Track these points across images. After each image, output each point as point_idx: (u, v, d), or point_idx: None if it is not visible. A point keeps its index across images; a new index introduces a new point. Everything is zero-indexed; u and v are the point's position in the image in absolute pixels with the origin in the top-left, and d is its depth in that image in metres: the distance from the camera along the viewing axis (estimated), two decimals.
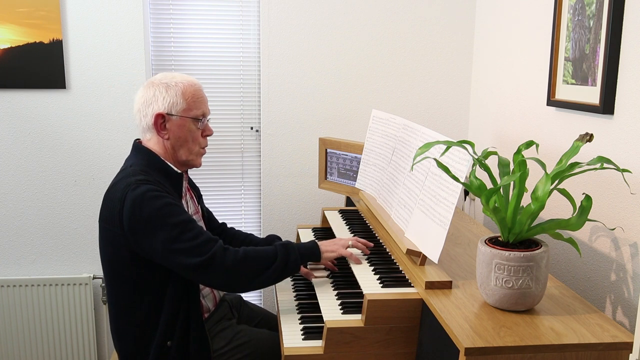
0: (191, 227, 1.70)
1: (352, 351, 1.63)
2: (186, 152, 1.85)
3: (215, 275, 1.71)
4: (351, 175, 2.54)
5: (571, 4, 1.94)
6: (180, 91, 1.80)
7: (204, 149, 1.91)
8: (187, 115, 1.82)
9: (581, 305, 1.54)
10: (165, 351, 1.77)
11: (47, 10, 2.62)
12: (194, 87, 1.84)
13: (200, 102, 1.84)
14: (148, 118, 1.80)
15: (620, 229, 1.70)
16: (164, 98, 1.79)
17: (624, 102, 1.69)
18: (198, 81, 1.88)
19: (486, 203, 1.50)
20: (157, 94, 1.79)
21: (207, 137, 1.90)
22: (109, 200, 1.74)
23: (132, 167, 1.78)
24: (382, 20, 2.83)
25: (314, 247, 1.88)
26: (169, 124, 1.81)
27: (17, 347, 2.85)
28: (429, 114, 2.94)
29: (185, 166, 1.89)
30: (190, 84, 1.83)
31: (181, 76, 1.85)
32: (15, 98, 2.70)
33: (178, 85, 1.81)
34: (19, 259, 2.84)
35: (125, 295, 1.78)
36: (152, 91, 1.80)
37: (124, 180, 1.72)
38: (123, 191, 1.69)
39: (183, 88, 1.81)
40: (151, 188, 1.69)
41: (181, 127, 1.82)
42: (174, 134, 1.82)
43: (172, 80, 1.82)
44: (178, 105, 1.80)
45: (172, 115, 1.80)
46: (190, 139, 1.84)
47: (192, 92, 1.83)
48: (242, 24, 2.83)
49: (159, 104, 1.79)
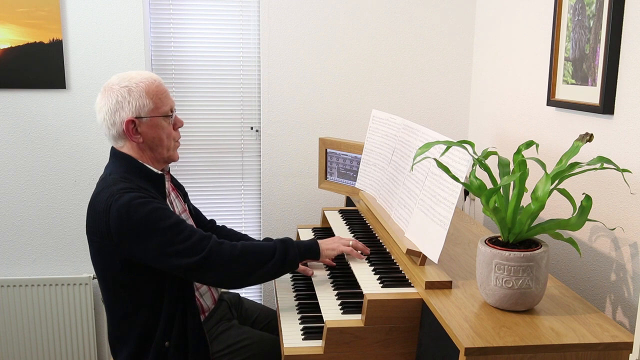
0: (182, 227, 1.69)
1: (352, 351, 1.63)
2: (164, 150, 1.82)
3: (213, 271, 1.70)
4: (351, 175, 2.54)
5: (571, 4, 1.94)
6: (144, 91, 1.75)
7: (179, 141, 1.88)
8: (156, 115, 1.78)
9: (581, 305, 1.54)
10: (163, 352, 1.77)
11: (47, 10, 2.62)
12: (155, 83, 1.78)
13: (165, 98, 1.80)
14: (117, 126, 1.75)
15: (620, 229, 1.70)
16: (129, 102, 1.73)
17: (624, 102, 1.69)
18: (155, 75, 1.82)
19: (486, 203, 1.50)
20: (121, 99, 1.73)
21: (179, 129, 1.88)
22: (93, 212, 1.72)
23: (111, 176, 1.74)
24: (382, 21, 2.83)
25: (314, 245, 1.88)
26: (140, 127, 1.76)
27: (17, 347, 2.85)
28: (429, 114, 2.94)
29: (165, 163, 1.87)
30: (151, 81, 1.78)
31: (138, 74, 1.79)
32: (15, 98, 2.70)
33: (139, 86, 1.75)
34: (19, 259, 2.84)
35: (122, 302, 1.77)
36: (114, 98, 1.74)
37: (106, 191, 1.69)
38: (107, 202, 1.66)
39: (146, 88, 1.75)
40: (135, 195, 1.66)
41: (153, 127, 1.78)
42: (148, 136, 1.78)
43: (132, 82, 1.75)
44: (145, 106, 1.75)
45: (142, 118, 1.76)
46: (164, 136, 1.80)
47: (156, 90, 1.78)
48: (242, 24, 2.83)
49: (125, 110, 1.74)
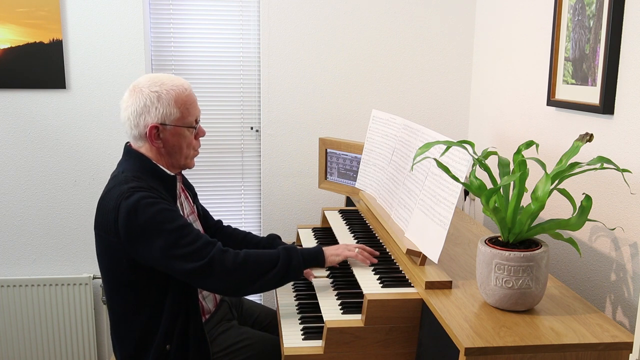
0: (188, 231, 1.68)
1: (352, 351, 1.63)
2: (182, 158, 1.82)
3: (215, 279, 1.69)
4: (351, 175, 2.54)
5: (571, 4, 1.94)
6: (173, 100, 1.73)
7: (198, 150, 1.88)
8: (181, 125, 1.77)
9: (581, 305, 1.54)
10: (164, 354, 1.76)
11: (47, 10, 2.62)
12: (185, 92, 1.77)
13: (193, 108, 1.79)
14: (140, 128, 1.74)
15: (620, 229, 1.70)
16: (156, 109, 1.72)
17: (624, 102, 1.69)
18: (186, 81, 1.81)
19: (486, 203, 1.49)
20: (149, 104, 1.72)
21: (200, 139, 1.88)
22: (103, 208, 1.72)
23: (124, 174, 1.74)
24: (382, 21, 2.83)
25: (318, 253, 1.84)
26: (163, 134, 1.76)
27: (17, 347, 2.85)
28: (429, 114, 2.94)
29: (180, 169, 1.87)
30: (182, 90, 1.76)
31: (170, 80, 1.77)
32: (15, 98, 2.70)
33: (170, 94, 1.73)
34: (19, 259, 2.84)
35: (125, 301, 1.77)
36: (143, 100, 1.73)
37: (117, 188, 1.69)
38: (117, 199, 1.66)
39: (175, 96, 1.74)
40: (145, 195, 1.66)
41: (176, 136, 1.77)
42: (169, 143, 1.77)
43: (162, 88, 1.74)
44: (172, 115, 1.74)
45: (166, 125, 1.75)
46: (185, 145, 1.80)
47: (185, 99, 1.76)
48: (242, 24, 2.83)
49: (151, 115, 1.73)
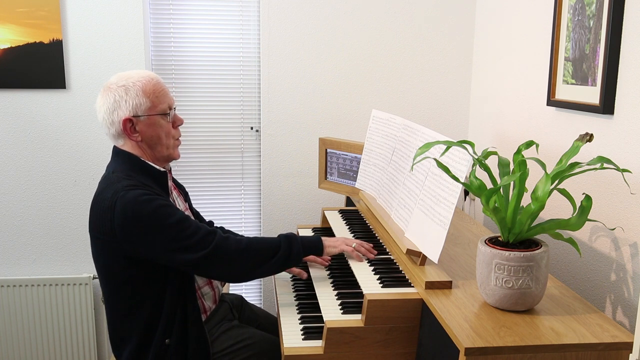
0: (188, 224, 1.70)
1: (352, 351, 1.63)
2: (163, 148, 1.83)
3: (219, 266, 1.74)
4: (351, 175, 2.54)
5: (571, 4, 1.94)
6: (141, 90, 1.76)
7: (179, 139, 1.89)
8: (154, 113, 1.78)
9: (581, 305, 1.54)
10: (164, 349, 1.77)
11: (47, 10, 2.62)
12: (152, 81, 1.79)
13: (163, 96, 1.81)
14: (116, 125, 1.76)
15: (620, 229, 1.70)
16: (126, 102, 1.75)
17: (624, 102, 1.69)
18: (154, 74, 1.83)
19: (486, 203, 1.49)
20: (118, 98, 1.75)
21: (179, 127, 1.88)
22: (97, 210, 1.72)
23: (114, 174, 1.75)
24: (382, 20, 2.83)
25: (318, 242, 1.92)
26: (138, 126, 1.77)
27: (17, 347, 2.85)
28: (429, 114, 2.94)
29: (166, 161, 1.88)
30: (148, 80, 1.78)
31: (137, 73, 1.80)
32: (15, 98, 2.70)
33: (137, 85, 1.76)
34: (19, 259, 2.84)
35: (124, 299, 1.77)
36: (112, 97, 1.75)
37: (111, 188, 1.69)
38: (112, 199, 1.66)
39: (142, 86, 1.76)
40: (141, 192, 1.67)
41: (151, 126, 1.79)
42: (146, 134, 1.79)
43: (129, 81, 1.76)
44: (142, 105, 1.76)
45: (139, 117, 1.77)
46: (163, 134, 1.81)
47: (153, 88, 1.78)
48: (242, 24, 2.83)
49: (122, 109, 1.75)
